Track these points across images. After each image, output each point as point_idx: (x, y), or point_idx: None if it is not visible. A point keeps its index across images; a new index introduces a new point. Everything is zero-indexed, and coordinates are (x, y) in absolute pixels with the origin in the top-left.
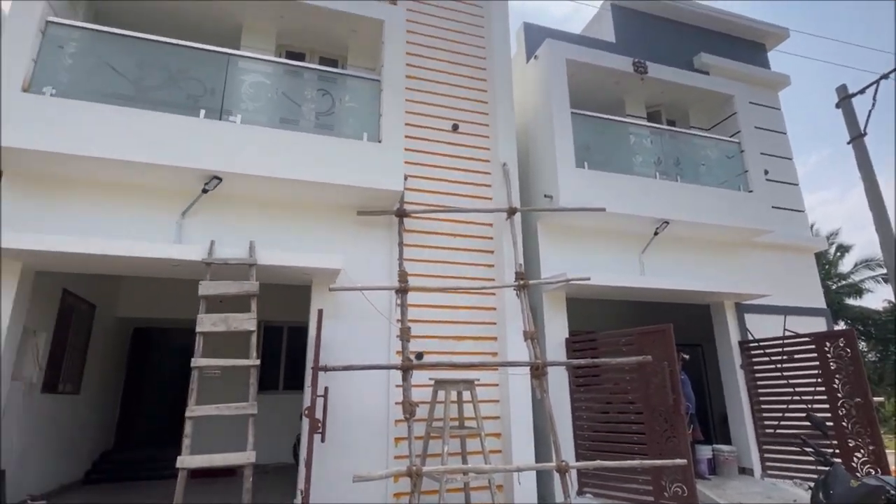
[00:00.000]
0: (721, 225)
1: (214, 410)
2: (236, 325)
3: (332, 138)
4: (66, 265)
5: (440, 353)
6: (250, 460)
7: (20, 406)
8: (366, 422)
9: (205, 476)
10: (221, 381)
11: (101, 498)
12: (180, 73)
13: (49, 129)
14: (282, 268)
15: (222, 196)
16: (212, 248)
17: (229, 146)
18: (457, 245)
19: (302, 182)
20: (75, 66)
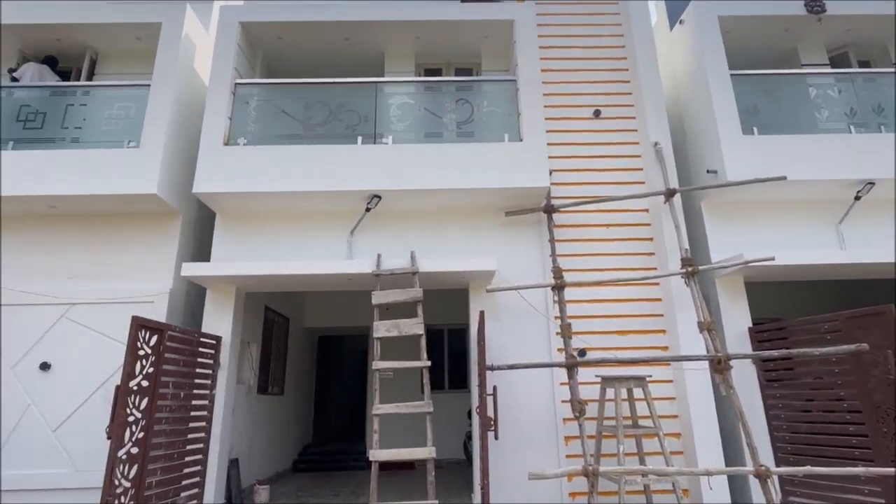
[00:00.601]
0: None
1: (394, 409)
2: (407, 330)
3: (473, 144)
4: (264, 286)
5: (604, 349)
6: (432, 455)
7: (243, 405)
8: (533, 420)
9: (386, 469)
10: (393, 382)
11: (309, 483)
12: (339, 107)
13: (243, 173)
14: (440, 274)
15: (383, 212)
16: (379, 261)
17: (384, 166)
18: (612, 236)
19: (450, 190)
20: (258, 116)
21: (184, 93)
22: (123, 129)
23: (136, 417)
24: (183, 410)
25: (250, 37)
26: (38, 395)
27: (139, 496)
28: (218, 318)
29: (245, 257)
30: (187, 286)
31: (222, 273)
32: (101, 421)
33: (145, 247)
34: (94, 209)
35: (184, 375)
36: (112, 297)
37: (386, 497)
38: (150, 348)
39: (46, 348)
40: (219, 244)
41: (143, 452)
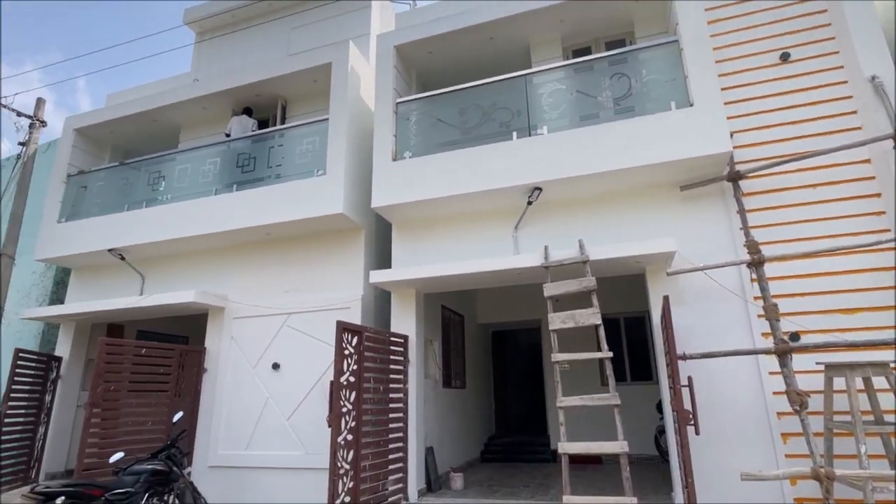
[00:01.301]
0: None
1: (578, 401)
2: (583, 321)
3: (635, 119)
4: (439, 286)
5: (824, 332)
6: (624, 450)
7: (432, 398)
8: (737, 414)
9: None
10: (570, 375)
11: (497, 473)
12: (491, 107)
13: (410, 184)
14: (613, 260)
15: (546, 204)
16: (546, 253)
17: (541, 157)
18: (821, 197)
19: (613, 172)
20: (418, 129)
21: (355, 120)
22: (312, 161)
23: (348, 409)
24: (383, 402)
25: (404, 57)
26: (273, 390)
27: (357, 477)
28: (403, 319)
29: (420, 261)
30: (375, 292)
31: (402, 277)
32: (320, 412)
33: (338, 260)
34: (297, 232)
35: (380, 371)
36: (318, 306)
37: (576, 491)
38: (352, 348)
39: (275, 351)
40: (397, 251)
41: (356, 439)
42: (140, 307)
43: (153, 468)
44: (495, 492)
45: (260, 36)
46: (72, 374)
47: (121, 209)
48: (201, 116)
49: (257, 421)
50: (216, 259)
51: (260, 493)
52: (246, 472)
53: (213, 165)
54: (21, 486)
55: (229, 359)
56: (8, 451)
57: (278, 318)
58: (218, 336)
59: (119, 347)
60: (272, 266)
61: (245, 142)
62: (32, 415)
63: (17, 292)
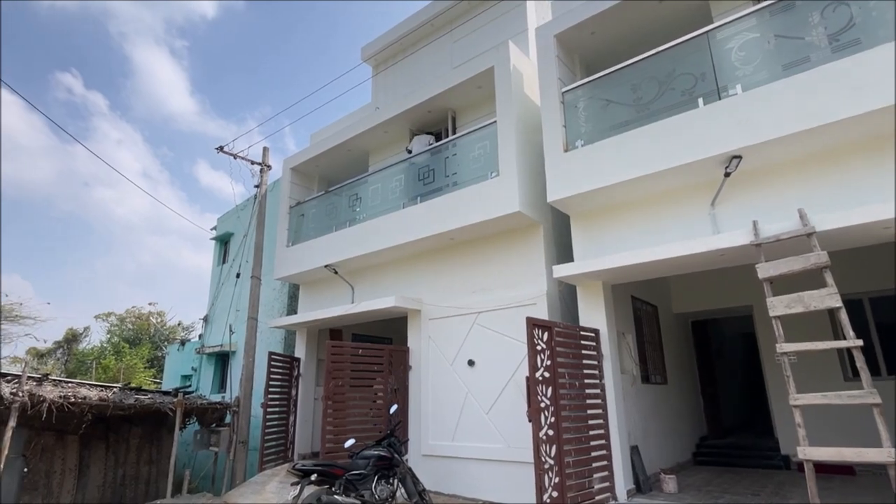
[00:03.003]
0: None
1: (821, 399)
2: (815, 304)
3: (861, 55)
4: (626, 276)
5: None
6: (892, 458)
7: (631, 394)
8: None
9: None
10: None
11: (716, 478)
12: (668, 76)
13: (585, 173)
14: (849, 229)
15: (747, 173)
16: (756, 228)
17: (738, 120)
18: None
19: (835, 124)
20: (587, 115)
21: (522, 118)
22: (485, 164)
23: (546, 404)
24: (580, 398)
25: (565, 44)
26: (471, 385)
27: (562, 472)
28: (591, 312)
29: (604, 251)
30: (559, 286)
31: (587, 270)
32: (516, 406)
33: (519, 257)
34: (477, 234)
35: (574, 367)
36: (504, 304)
37: None
38: (544, 343)
39: (468, 349)
40: (578, 243)
41: (557, 435)
42: (352, 313)
43: (379, 454)
44: (717, 498)
45: (427, 56)
46: (308, 372)
47: (330, 230)
48: (384, 140)
49: (459, 414)
50: (410, 266)
51: (467, 481)
52: (453, 461)
53: (398, 182)
54: (282, 462)
55: (429, 357)
56: (272, 435)
57: (469, 318)
58: (417, 336)
59: (341, 348)
60: (459, 269)
61: (424, 156)
62: (285, 405)
63: (263, 306)
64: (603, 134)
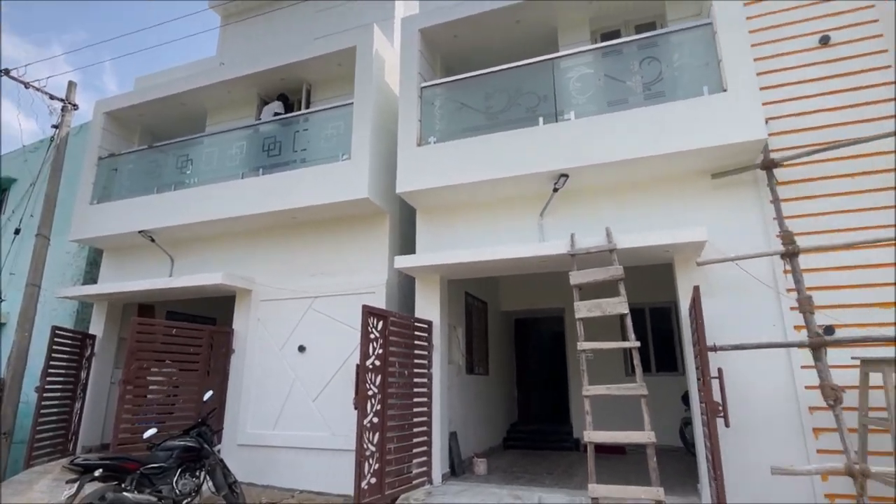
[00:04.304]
0: None
1: (605, 390)
2: (610, 310)
3: (665, 105)
4: (463, 273)
5: (861, 326)
6: (651, 440)
7: (456, 384)
8: (767, 408)
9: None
10: (594, 364)
11: (520, 460)
12: (517, 92)
13: (435, 170)
14: (641, 249)
15: (572, 191)
16: (573, 241)
17: (568, 143)
18: (859, 187)
19: (642, 159)
20: (443, 114)
21: (379, 104)
22: (337, 145)
23: (374, 392)
24: (408, 387)
25: (429, 41)
26: (299, 372)
27: (382, 459)
28: (427, 305)
29: (445, 247)
30: (399, 277)
31: (427, 263)
32: (344, 394)
33: (363, 244)
34: (322, 216)
35: (405, 356)
36: (343, 290)
37: (600, 480)
38: (378, 332)
39: (301, 334)
40: (422, 237)
41: (382, 422)
42: (169, 288)
43: (185, 445)
44: (518, 478)
45: (284, 19)
46: (105, 352)
47: (150, 191)
48: (227, 100)
49: (284, 401)
50: (244, 242)
51: (287, 471)
52: (273, 450)
53: (239, 150)
54: (59, 458)
55: (256, 340)
56: (47, 425)
57: (304, 302)
58: (245, 318)
59: (150, 327)
60: (298, 250)
61: (271, 126)
62: (69, 390)
63: (52, 272)
64: (455, 135)
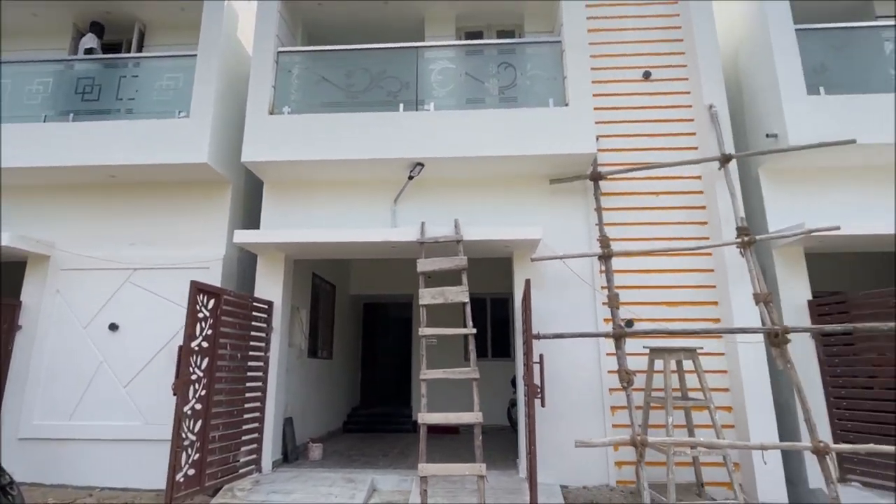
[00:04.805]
0: None
1: (441, 374)
2: (452, 298)
3: (517, 110)
4: (311, 253)
5: (652, 321)
6: (479, 420)
7: (296, 368)
8: (579, 390)
9: (432, 432)
10: (437, 349)
11: (358, 443)
12: (380, 74)
13: (287, 142)
14: (485, 242)
15: (427, 180)
16: (423, 229)
17: (426, 133)
18: (662, 204)
19: (493, 157)
20: (301, 85)
21: (229, 62)
22: (174, 100)
23: (199, 376)
24: (240, 371)
25: (291, 4)
26: (109, 354)
27: (204, 448)
28: (269, 284)
29: (292, 225)
30: (239, 253)
31: (271, 240)
32: (167, 378)
33: (199, 215)
34: (150, 178)
35: (240, 338)
36: (171, 263)
37: (432, 459)
38: (208, 311)
39: (114, 310)
40: (267, 212)
41: (206, 409)
42: None
43: None
44: (354, 461)
45: None
46: None
47: None
48: (32, 25)
49: (87, 387)
50: (43, 199)
51: (87, 467)
52: (69, 444)
53: (43, 86)
54: None
55: (53, 316)
56: None
57: (120, 274)
58: (39, 289)
59: None
60: (117, 215)
61: (88, 65)
62: None
63: None
64: (313, 108)
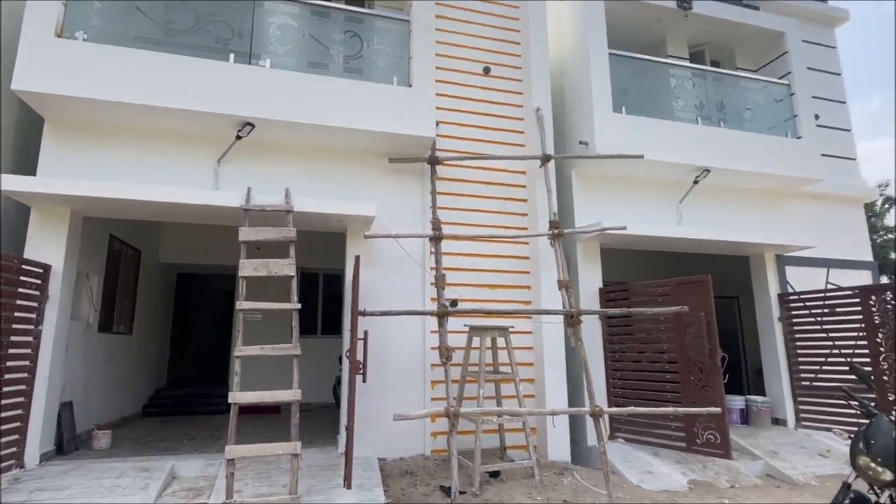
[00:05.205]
0: (766, 173)
1: (259, 351)
2: (277, 271)
3: (361, 83)
4: (110, 211)
5: (474, 301)
6: (297, 398)
7: (80, 344)
8: (403, 365)
9: (251, 412)
10: (263, 325)
11: (160, 428)
12: (207, 15)
13: (82, 74)
14: (317, 215)
15: (257, 143)
16: (249, 195)
17: (259, 91)
18: (490, 193)
19: (332, 128)
20: (105, 7)
21: None
22: None
23: None
24: None
25: None
26: None
27: None
28: (46, 244)
29: (84, 175)
30: (5, 203)
31: (52, 191)
32: None
33: None
34: None
35: (4, 308)
36: None
37: (246, 440)
38: None
39: None
40: (48, 157)
41: None
42: None
43: None
44: (151, 447)
45: None
46: None
47: None
48: None
49: None
50: None
51: None
52: None
53: None
54: None
55: None
56: None
57: None
58: None
59: None
60: None
61: None
62: None
63: None
64: (120, 40)
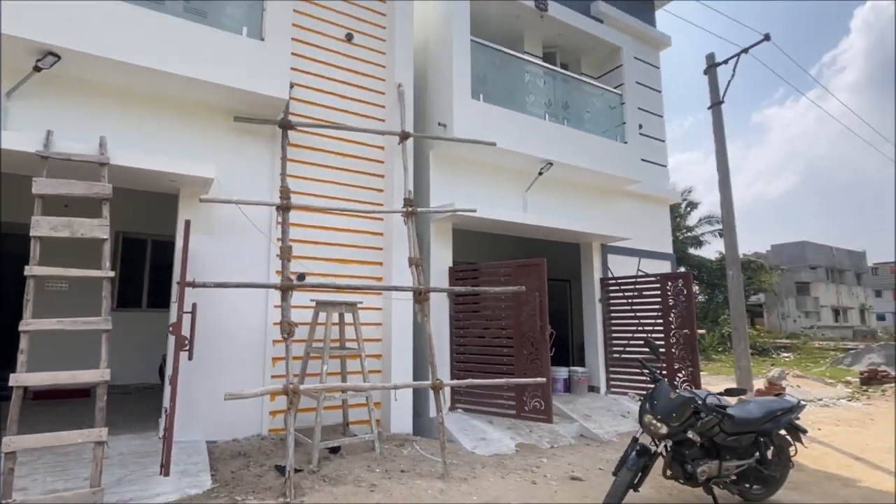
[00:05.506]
0: (599, 171)
1: (56, 325)
2: (83, 232)
3: (204, 27)
4: None
5: (324, 276)
6: (104, 378)
7: None
8: (241, 341)
9: (52, 397)
10: (75, 297)
11: None
12: None
13: None
14: (143, 171)
15: (64, 78)
16: (48, 139)
17: (71, 16)
18: (345, 166)
19: (166, 74)
20: None
21: None
22: None
23: None
24: None
25: None
26: None
27: None
28: None
29: None
30: None
31: None
32: None
33: None
34: None
35: None
36: None
37: (40, 429)
38: None
39: None
40: None
41: None
42: None
43: None
44: None
45: None
46: None
47: None
48: None
49: None
50: None
51: None
52: None
53: None
54: None
55: None
56: None
57: None
58: None
59: None
60: None
61: None
62: None
63: None
64: None
